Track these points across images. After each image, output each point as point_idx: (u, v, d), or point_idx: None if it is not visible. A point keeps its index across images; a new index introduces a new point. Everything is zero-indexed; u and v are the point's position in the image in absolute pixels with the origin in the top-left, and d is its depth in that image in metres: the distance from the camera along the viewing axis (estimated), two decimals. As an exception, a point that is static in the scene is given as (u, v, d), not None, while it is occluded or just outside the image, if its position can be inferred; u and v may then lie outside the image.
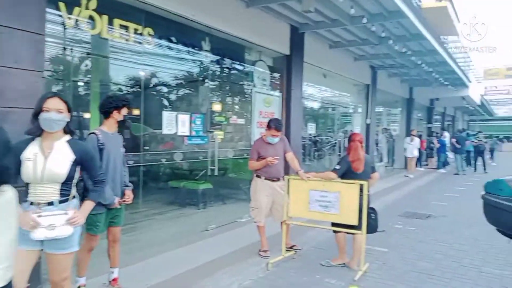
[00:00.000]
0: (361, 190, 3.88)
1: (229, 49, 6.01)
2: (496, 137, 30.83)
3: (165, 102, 6.13)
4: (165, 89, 6.05)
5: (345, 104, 11.32)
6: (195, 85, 5.70)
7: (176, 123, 4.89)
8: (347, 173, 4.06)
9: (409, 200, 8.88)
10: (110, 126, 3.17)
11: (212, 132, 5.60)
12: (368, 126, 11.21)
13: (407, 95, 14.97)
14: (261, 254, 4.39)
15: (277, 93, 6.92)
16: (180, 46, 5.31)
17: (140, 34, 4.52)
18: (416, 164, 15.25)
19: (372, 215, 4.14)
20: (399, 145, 14.31)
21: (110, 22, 4.16)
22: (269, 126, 4.29)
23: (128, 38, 4.44)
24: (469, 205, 7.69)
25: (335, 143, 11.01)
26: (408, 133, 13.73)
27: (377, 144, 13.28)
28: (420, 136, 15.99)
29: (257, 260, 4.32)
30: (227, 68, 6.22)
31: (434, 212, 7.32)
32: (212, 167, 5.69)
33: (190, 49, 5.45)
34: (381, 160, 13.27)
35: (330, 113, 10.85)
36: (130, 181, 3.44)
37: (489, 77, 34.83)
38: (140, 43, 4.61)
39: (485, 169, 15.07)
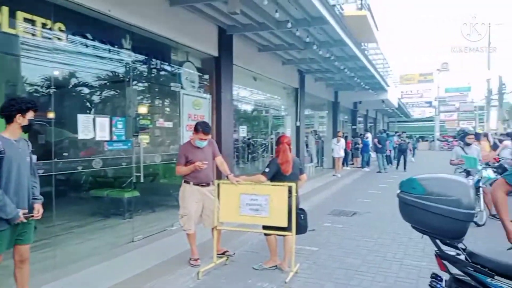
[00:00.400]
0: (290, 191, 3.89)
1: (153, 49, 5.71)
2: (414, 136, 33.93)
3: (82, 105, 5.61)
4: (82, 90, 5.53)
5: (276, 107, 11.54)
6: (116, 86, 5.31)
7: (94, 127, 4.48)
8: (276, 176, 4.06)
9: (337, 198, 9.29)
10: (12, 132, 2.82)
11: (137, 136, 5.26)
12: (298, 128, 11.55)
13: (333, 99, 15.78)
14: (191, 263, 4.20)
15: (206, 95, 6.76)
16: (97, 44, 4.89)
17: (50, 29, 4.07)
18: (343, 164, 16.14)
19: (301, 215, 4.19)
20: (327, 146, 15.03)
21: (12, 15, 3.68)
22: (196, 130, 4.13)
23: (35, 34, 3.96)
24: (390, 202, 8.21)
25: (268, 145, 11.18)
26: (335, 134, 14.47)
27: (307, 145, 13.79)
28: (345, 137, 16.99)
29: (187, 269, 4.13)
30: (152, 68, 5.90)
31: (359, 209, 7.72)
32: (138, 174, 5.34)
33: (109, 47, 5.05)
34: (311, 161, 13.79)
35: (263, 115, 10.96)
36: (42, 193, 3.06)
37: (405, 82, 38.51)
38: (50, 39, 4.14)
39: (405, 168, 15.67)
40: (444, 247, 2.14)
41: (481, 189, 6.27)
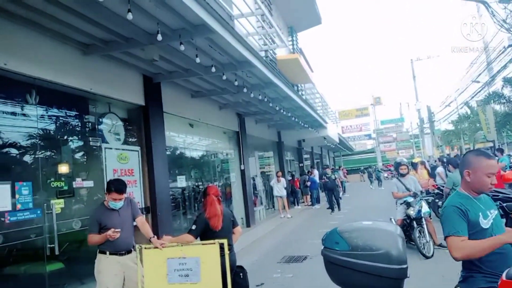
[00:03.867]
0: (222, 249, 3.45)
1: (66, 102, 5.18)
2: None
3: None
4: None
5: (218, 152, 11.21)
6: (20, 147, 4.66)
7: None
8: (206, 232, 3.61)
9: (288, 242, 8.91)
10: None
11: (48, 201, 4.57)
12: (243, 171, 11.24)
13: (276, 139, 15.84)
14: None
15: (134, 147, 6.26)
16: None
17: None
18: (294, 203, 15.97)
19: (240, 274, 3.74)
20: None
21: None
22: (108, 189, 3.61)
23: None
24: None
25: (221, 190, 10.65)
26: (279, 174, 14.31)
27: (255, 188, 13.47)
28: (292, 176, 16.99)
29: None
30: (65, 123, 5.33)
31: (310, 252, 7.37)
32: (51, 245, 4.59)
33: (9, 103, 4.47)
34: (261, 203, 13.43)
35: (209, 160, 10.52)
36: None
37: (343, 117, 40.53)
38: None
39: (339, 207, 14.07)
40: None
41: (423, 219, 6.26)
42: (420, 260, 5.95)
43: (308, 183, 16.31)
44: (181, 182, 8.29)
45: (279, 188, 12.94)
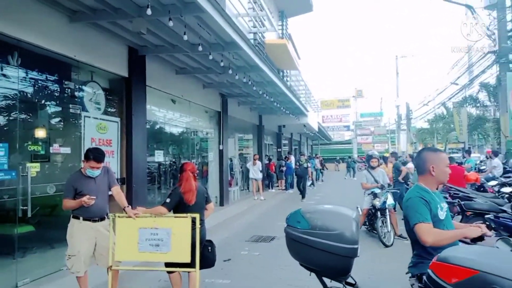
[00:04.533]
0: (194, 223, 3.62)
1: (48, 67, 5.13)
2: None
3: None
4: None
5: (199, 130, 11.27)
6: (-2, 107, 4.62)
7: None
8: (179, 206, 3.77)
9: (258, 223, 9.18)
10: None
11: (23, 164, 4.59)
12: (221, 152, 11.36)
13: (257, 122, 15.99)
14: (81, 311, 3.65)
15: (114, 118, 6.26)
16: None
17: None
18: (268, 186, 16.30)
19: (209, 248, 3.93)
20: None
21: None
22: (87, 157, 3.68)
23: None
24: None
25: (198, 167, 10.81)
26: (260, 157, 14.54)
27: (232, 169, 13.66)
28: (270, 160, 17.27)
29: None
30: (46, 88, 5.28)
31: (278, 233, 7.65)
32: (24, 207, 4.63)
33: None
34: (236, 184, 13.67)
35: (188, 138, 10.58)
36: None
37: (325, 107, 41.01)
38: None
39: (303, 196, 13.72)
40: (333, 283, 2.04)
41: (387, 210, 6.62)
42: (380, 248, 6.33)
43: (284, 168, 16.63)
44: (159, 156, 8.36)
45: (255, 171, 13.17)
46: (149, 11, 4.23)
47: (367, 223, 7.23)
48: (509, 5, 13.84)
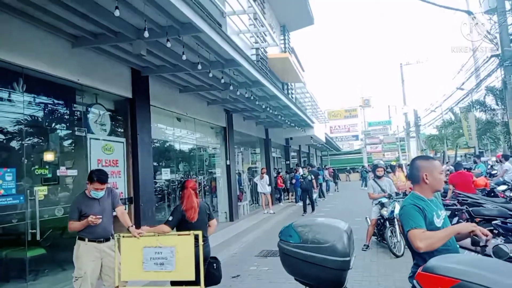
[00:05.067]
0: (197, 240, 3.64)
1: (53, 92, 5.29)
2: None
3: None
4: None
5: (205, 147, 11.37)
6: (5, 133, 4.76)
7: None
8: (182, 224, 3.80)
9: (268, 237, 9.12)
10: None
11: (31, 188, 4.69)
12: (228, 167, 11.42)
13: (264, 136, 16.05)
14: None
15: (120, 138, 6.38)
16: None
17: None
18: (279, 200, 16.22)
19: (213, 264, 3.94)
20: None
21: None
22: (90, 179, 3.76)
23: None
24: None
25: (205, 184, 10.92)
26: (268, 171, 14.53)
27: (240, 183, 13.68)
28: (278, 173, 17.23)
29: None
30: (51, 112, 5.43)
31: (287, 247, 7.60)
32: (33, 230, 4.72)
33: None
34: (245, 199, 13.65)
35: (195, 154, 10.67)
36: None
37: (332, 118, 40.97)
38: None
39: (313, 209, 13.40)
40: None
41: (395, 220, 6.54)
42: (390, 259, 6.23)
43: (294, 181, 16.56)
44: (166, 174, 8.44)
45: (262, 185, 13.17)
46: (146, 34, 4.35)
47: (376, 234, 7.14)
48: (508, 8, 13.79)
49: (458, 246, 2.48)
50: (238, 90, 7.69)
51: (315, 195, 14.58)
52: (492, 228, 4.94)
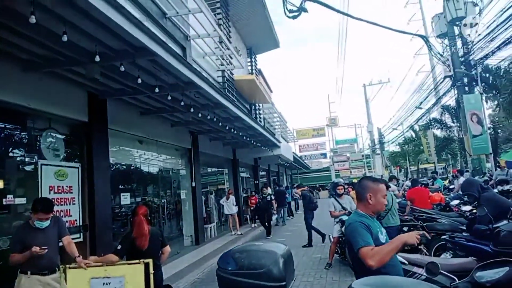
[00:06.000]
0: (148, 268, 3.53)
1: (2, 117, 5.08)
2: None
3: None
4: None
5: (170, 169, 11.18)
6: None
7: None
8: (132, 252, 3.68)
9: (233, 260, 8.98)
10: None
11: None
12: (193, 188, 11.25)
13: (231, 156, 16.02)
14: None
15: (74, 163, 6.17)
16: None
17: None
18: (253, 220, 16.01)
19: (167, 293, 3.82)
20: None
21: None
22: (35, 209, 3.58)
23: None
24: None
25: (170, 207, 10.67)
26: (236, 191, 14.44)
27: (207, 205, 13.47)
28: (251, 193, 17.12)
29: None
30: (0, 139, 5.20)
31: (251, 269, 7.50)
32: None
33: None
34: (212, 221, 13.43)
35: (158, 177, 10.43)
36: None
37: (301, 136, 41.62)
38: None
39: (268, 233, 12.18)
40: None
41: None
42: (352, 277, 6.27)
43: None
44: (127, 199, 8.18)
45: (228, 206, 13.03)
46: (97, 58, 4.30)
47: (339, 251, 7.21)
48: (457, 33, 14.81)
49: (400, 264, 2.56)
50: (200, 112, 7.69)
51: (275, 216, 14.06)
52: (443, 242, 5.13)
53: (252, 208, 15.65)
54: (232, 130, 10.23)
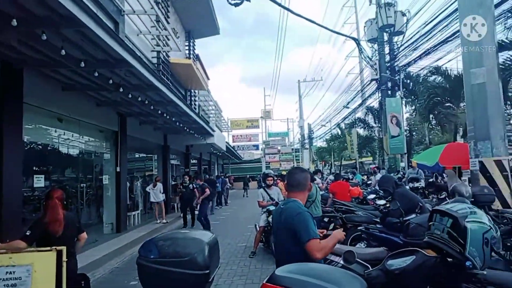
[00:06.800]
0: (61, 256, 3.25)
1: None
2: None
3: None
4: None
5: (92, 152, 10.45)
6: None
7: None
8: (45, 238, 3.36)
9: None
10: None
11: None
12: (118, 174, 10.65)
13: (162, 142, 15.51)
14: None
15: (-21, 139, 5.45)
16: None
17: None
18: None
19: (82, 282, 3.57)
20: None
21: None
22: None
23: None
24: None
25: (91, 192, 10.06)
26: (165, 178, 14.03)
27: (132, 192, 12.90)
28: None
29: None
30: None
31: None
32: None
33: None
34: (137, 208, 12.92)
35: (79, 160, 9.66)
36: None
37: (235, 127, 41.88)
38: None
39: (192, 224, 11.52)
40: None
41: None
42: (274, 265, 6.50)
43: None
44: (40, 182, 7.46)
45: (155, 193, 12.64)
46: (14, 22, 3.82)
47: (263, 240, 7.41)
48: (386, 39, 15.98)
49: None
50: (130, 93, 7.27)
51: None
52: (359, 233, 5.54)
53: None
54: (165, 115, 9.88)
